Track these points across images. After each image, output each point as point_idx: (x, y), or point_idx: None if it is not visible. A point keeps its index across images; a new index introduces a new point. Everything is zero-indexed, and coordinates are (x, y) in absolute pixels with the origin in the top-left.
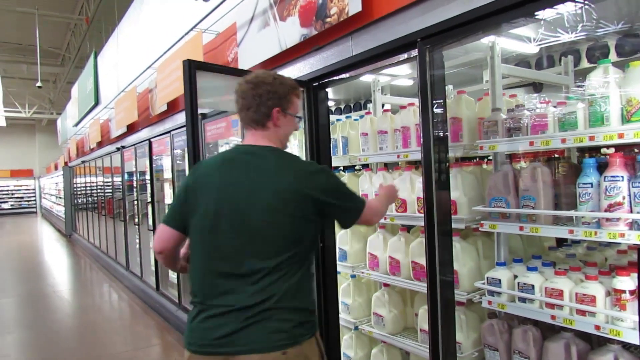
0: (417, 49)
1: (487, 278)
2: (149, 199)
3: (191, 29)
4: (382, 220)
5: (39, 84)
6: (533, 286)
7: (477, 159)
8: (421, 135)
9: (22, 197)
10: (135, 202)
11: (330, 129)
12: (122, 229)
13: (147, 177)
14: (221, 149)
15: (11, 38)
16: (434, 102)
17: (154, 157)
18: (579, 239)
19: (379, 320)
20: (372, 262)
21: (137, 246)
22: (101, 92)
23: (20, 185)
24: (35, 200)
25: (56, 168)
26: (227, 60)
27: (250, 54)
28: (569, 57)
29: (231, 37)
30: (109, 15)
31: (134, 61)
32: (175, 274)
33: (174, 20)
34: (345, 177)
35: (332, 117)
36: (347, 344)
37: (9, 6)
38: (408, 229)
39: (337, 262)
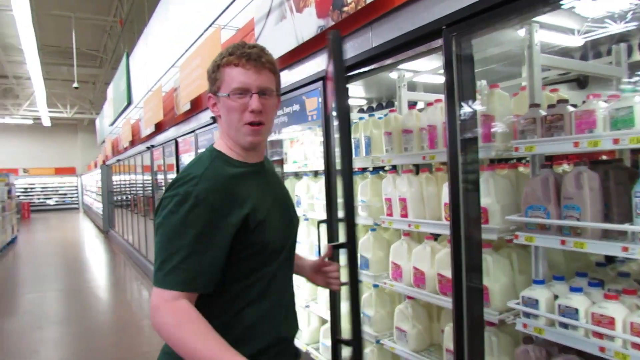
0: (441, 38)
1: (523, 297)
2: None
3: (210, 25)
4: (407, 227)
5: (75, 84)
6: (577, 310)
7: (515, 161)
8: (447, 134)
9: (65, 194)
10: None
11: (352, 128)
12: (151, 226)
13: (174, 175)
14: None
15: (52, 41)
16: (462, 98)
17: (180, 156)
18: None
19: (402, 336)
20: (395, 272)
21: None
22: (133, 92)
23: (64, 183)
24: (77, 196)
25: (96, 166)
26: None
27: (268, 49)
28: (621, 46)
29: (250, 32)
30: (140, 16)
31: (160, 60)
32: None
33: (196, 17)
34: (369, 180)
35: (355, 116)
36: (368, 358)
37: (47, 10)
38: (435, 237)
39: (358, 270)
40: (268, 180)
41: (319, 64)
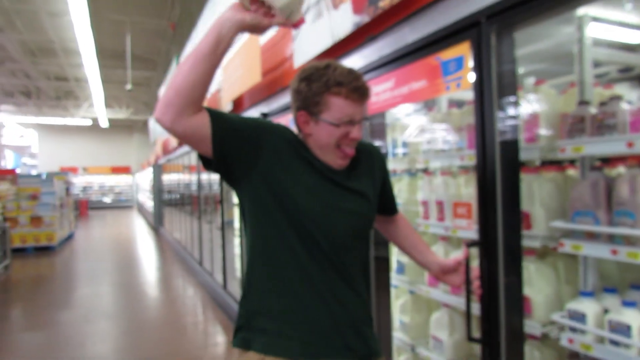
0: (478, 32)
1: (569, 310)
2: (220, 198)
3: None
4: (443, 232)
5: (128, 87)
6: (629, 327)
7: (566, 163)
8: (475, 134)
9: (120, 192)
10: (208, 200)
11: (388, 129)
12: (197, 225)
13: (218, 175)
14: None
15: (108, 45)
16: (502, 94)
17: None
18: None
19: (438, 345)
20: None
21: (209, 243)
22: None
23: (120, 181)
24: (132, 195)
25: (148, 165)
26: (285, 56)
27: (303, 49)
28: None
29: (289, 32)
30: (190, 19)
31: None
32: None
33: None
34: (405, 182)
35: (392, 116)
36: None
37: (104, 15)
38: None
39: (394, 275)
40: (339, 192)
41: (354, 62)
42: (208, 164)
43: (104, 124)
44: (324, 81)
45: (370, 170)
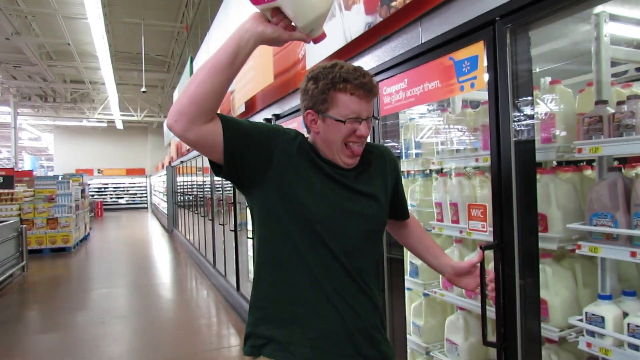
0: (493, 31)
1: (587, 314)
2: (233, 200)
3: None
4: (458, 234)
5: (143, 89)
6: None
7: (583, 163)
8: (489, 135)
9: (135, 194)
10: (221, 202)
11: (402, 129)
12: (210, 227)
13: None
14: None
15: (123, 47)
16: (517, 94)
17: None
18: None
19: (453, 349)
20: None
21: (222, 244)
22: None
23: (134, 183)
24: (146, 196)
25: (163, 167)
26: (297, 57)
27: (315, 50)
28: None
29: None
30: (204, 21)
31: None
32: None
33: None
34: (419, 183)
35: (405, 117)
36: None
37: (119, 18)
38: None
39: (408, 278)
40: (347, 183)
41: (367, 63)
42: (219, 170)
43: (119, 125)
44: (330, 78)
45: (382, 172)
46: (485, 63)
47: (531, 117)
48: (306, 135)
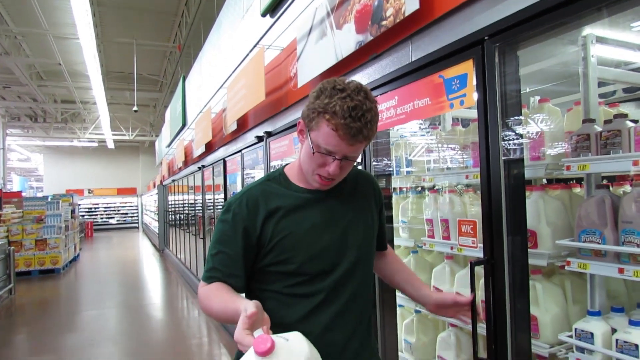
0: (482, 50)
1: (576, 330)
2: None
3: (255, 46)
4: (449, 250)
5: (135, 108)
6: (637, 346)
7: (573, 182)
8: (479, 153)
9: (126, 213)
10: (212, 220)
11: (393, 147)
12: (201, 245)
13: (222, 196)
14: None
15: (115, 67)
16: (506, 113)
17: (228, 175)
18: None
19: None
20: None
21: None
22: (188, 114)
23: (125, 203)
24: (137, 216)
25: (154, 186)
26: (289, 75)
27: (308, 68)
28: None
29: (293, 52)
30: (197, 41)
31: (211, 83)
32: None
33: (243, 40)
34: (410, 200)
35: (396, 134)
36: None
37: (111, 38)
38: None
39: (399, 294)
40: (331, 205)
41: (358, 80)
42: None
43: (110, 145)
44: (325, 102)
45: (366, 195)
46: (474, 81)
47: (520, 135)
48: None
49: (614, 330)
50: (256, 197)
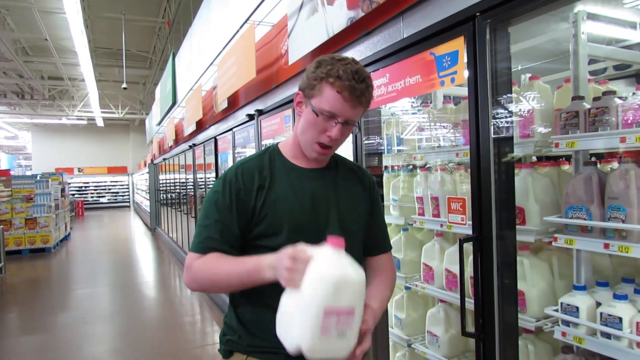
0: (473, 26)
1: (562, 304)
2: None
3: (245, 22)
4: (439, 228)
5: (124, 85)
6: (621, 319)
7: (562, 159)
8: (469, 130)
9: (117, 192)
10: (204, 199)
11: (384, 125)
12: (193, 224)
13: (213, 174)
14: None
15: (104, 43)
16: (497, 91)
17: (219, 154)
18: None
19: (434, 340)
20: (426, 274)
21: None
22: (178, 92)
23: (116, 181)
24: (128, 195)
25: (145, 165)
26: (280, 52)
27: (299, 44)
28: None
29: (284, 28)
30: (186, 17)
31: (202, 60)
32: None
33: (233, 16)
34: (401, 178)
35: (387, 112)
36: None
37: (99, 13)
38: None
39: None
40: (324, 184)
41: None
42: None
43: (99, 123)
44: (327, 69)
45: (359, 183)
46: (465, 58)
47: (510, 112)
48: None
49: (598, 304)
50: (251, 169)
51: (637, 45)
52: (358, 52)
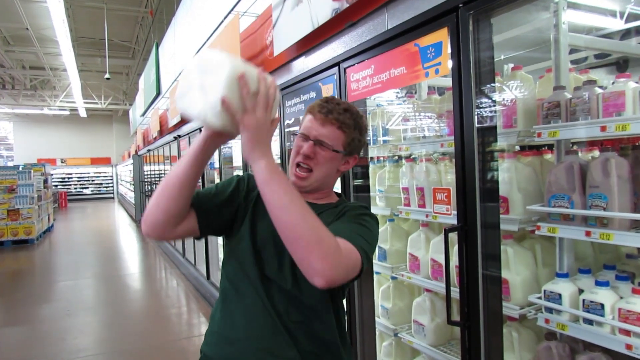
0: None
1: (545, 291)
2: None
3: (229, 12)
4: (424, 218)
5: (107, 75)
6: (602, 305)
7: (544, 148)
8: (453, 120)
9: (101, 184)
10: None
11: (370, 116)
12: None
13: None
14: None
15: (86, 33)
16: (480, 81)
17: None
18: None
19: (420, 329)
20: (412, 264)
21: None
22: (162, 82)
23: (100, 172)
24: (112, 186)
25: (129, 156)
26: (265, 43)
27: (283, 36)
28: None
29: (268, 19)
30: (169, 6)
31: (185, 50)
32: None
33: (217, 5)
34: (386, 169)
35: (373, 103)
36: (387, 351)
37: (81, 2)
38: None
39: (376, 262)
40: None
41: (334, 49)
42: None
43: (82, 113)
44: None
45: (334, 216)
46: (449, 49)
47: (494, 102)
48: None
49: (581, 291)
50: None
51: (617, 33)
52: (343, 44)
